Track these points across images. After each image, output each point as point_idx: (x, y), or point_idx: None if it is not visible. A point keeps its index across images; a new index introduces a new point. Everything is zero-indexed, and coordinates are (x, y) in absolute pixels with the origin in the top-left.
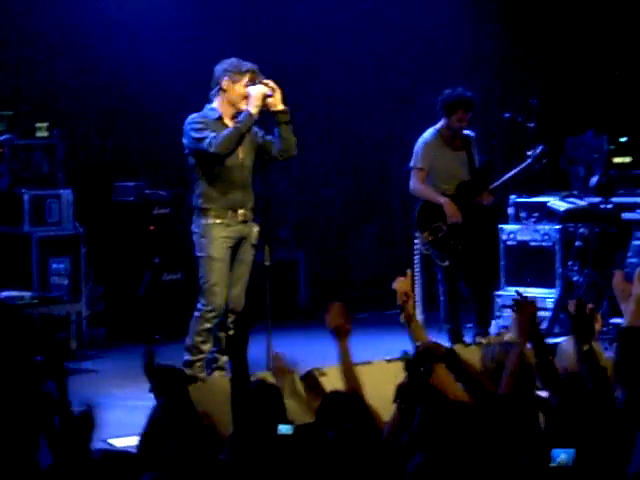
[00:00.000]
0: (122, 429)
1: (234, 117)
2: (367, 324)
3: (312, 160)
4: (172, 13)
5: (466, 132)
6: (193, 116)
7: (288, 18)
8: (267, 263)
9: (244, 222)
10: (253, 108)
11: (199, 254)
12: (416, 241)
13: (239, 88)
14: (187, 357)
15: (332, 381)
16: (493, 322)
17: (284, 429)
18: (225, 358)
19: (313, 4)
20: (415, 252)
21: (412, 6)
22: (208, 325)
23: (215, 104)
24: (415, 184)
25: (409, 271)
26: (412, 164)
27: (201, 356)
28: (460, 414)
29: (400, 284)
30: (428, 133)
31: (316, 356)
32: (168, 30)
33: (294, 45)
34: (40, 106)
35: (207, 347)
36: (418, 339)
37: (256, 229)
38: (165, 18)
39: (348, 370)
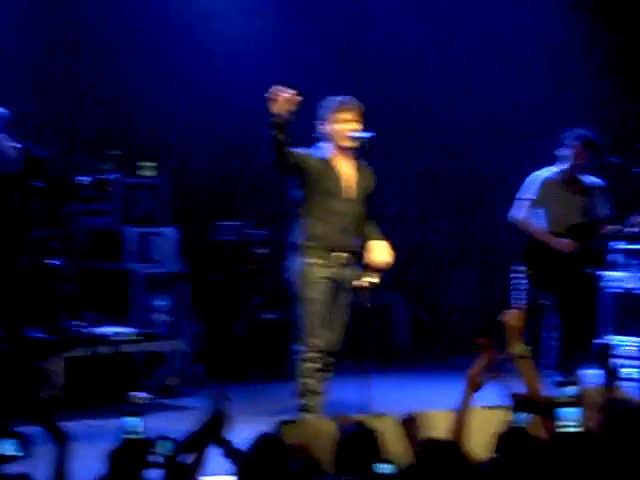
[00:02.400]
0: (216, 467)
1: (349, 156)
2: (466, 368)
3: (413, 202)
4: (277, 57)
5: (593, 180)
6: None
7: (388, 48)
8: (367, 305)
9: (343, 265)
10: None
11: (298, 294)
12: (516, 275)
13: (335, 127)
14: (303, 402)
15: (431, 426)
16: (590, 372)
17: (384, 468)
18: (316, 398)
19: (421, 35)
20: (512, 287)
21: (524, 42)
22: (315, 365)
23: (323, 144)
24: (519, 214)
25: (524, 304)
26: (522, 195)
27: (317, 398)
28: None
29: (510, 317)
30: (549, 170)
31: (415, 399)
32: (273, 72)
33: (397, 81)
34: (146, 146)
35: (320, 387)
36: (528, 383)
37: (355, 273)
38: (270, 58)
39: (461, 421)
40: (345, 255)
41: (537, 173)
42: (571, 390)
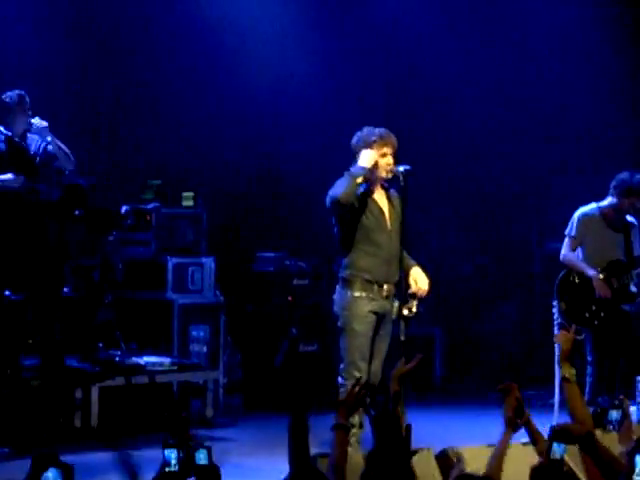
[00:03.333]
0: None
1: (381, 186)
2: (502, 404)
3: (450, 236)
4: (315, 89)
5: (629, 219)
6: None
7: (431, 88)
8: (402, 338)
9: (387, 297)
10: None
11: (342, 327)
12: (554, 310)
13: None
14: None
15: (467, 461)
16: (634, 408)
17: None
18: (354, 431)
19: (460, 76)
20: (554, 322)
21: (566, 85)
22: None
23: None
24: (566, 252)
25: (574, 326)
26: (567, 232)
27: (354, 430)
28: None
29: (563, 338)
30: (590, 207)
31: (451, 434)
32: (310, 103)
33: (435, 119)
34: (186, 176)
35: (357, 420)
36: (573, 407)
37: (396, 304)
38: (308, 90)
39: (498, 458)
40: (389, 287)
41: (582, 208)
42: (616, 414)
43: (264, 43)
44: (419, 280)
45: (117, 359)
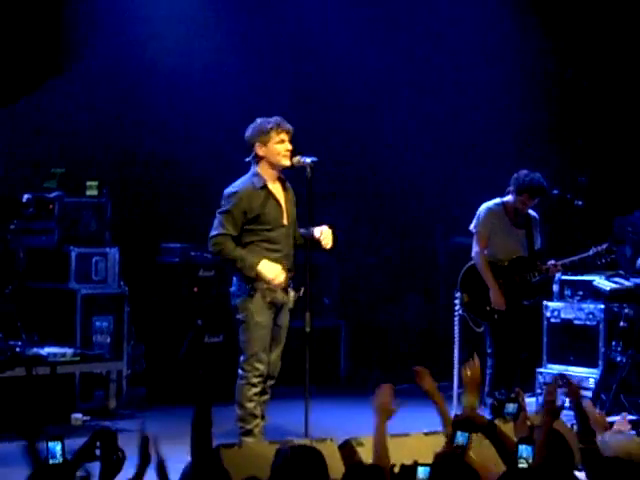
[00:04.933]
0: None
1: (278, 178)
2: (407, 395)
3: (355, 228)
4: (224, 78)
5: (530, 212)
6: (234, 188)
7: (337, 83)
8: (307, 330)
9: (284, 288)
10: (259, 273)
11: (243, 319)
12: (456, 301)
13: (272, 147)
14: (244, 426)
15: (369, 451)
16: (533, 400)
17: None
18: (257, 422)
19: (364, 70)
20: (455, 314)
21: (465, 77)
22: (256, 389)
23: (259, 169)
24: (478, 250)
25: (476, 356)
26: (473, 227)
27: (257, 421)
28: None
29: (469, 372)
30: (493, 202)
31: (354, 425)
32: (219, 93)
33: (342, 113)
34: (90, 165)
35: (261, 411)
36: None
37: (292, 294)
38: (216, 82)
39: (380, 445)
40: (285, 278)
41: (486, 203)
42: (512, 407)
43: (173, 33)
44: (324, 231)
45: (18, 349)
